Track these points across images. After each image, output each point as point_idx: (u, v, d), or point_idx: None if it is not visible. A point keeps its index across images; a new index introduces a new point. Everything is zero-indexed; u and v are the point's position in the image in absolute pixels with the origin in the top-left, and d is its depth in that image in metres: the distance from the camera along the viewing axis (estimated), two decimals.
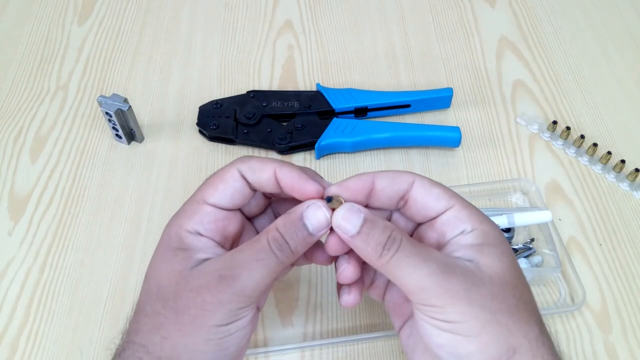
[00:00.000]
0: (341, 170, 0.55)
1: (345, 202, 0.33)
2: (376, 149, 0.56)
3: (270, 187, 0.34)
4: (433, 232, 0.34)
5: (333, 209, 0.33)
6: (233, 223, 0.35)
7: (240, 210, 0.36)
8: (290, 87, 0.61)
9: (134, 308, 0.34)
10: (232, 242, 0.35)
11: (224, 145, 0.56)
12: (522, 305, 0.31)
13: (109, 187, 0.53)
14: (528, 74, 0.62)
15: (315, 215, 0.33)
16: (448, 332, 0.30)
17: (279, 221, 0.33)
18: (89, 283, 0.47)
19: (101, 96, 0.53)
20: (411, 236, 0.35)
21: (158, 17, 0.69)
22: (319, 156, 0.55)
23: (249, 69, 0.63)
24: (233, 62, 0.64)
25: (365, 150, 0.56)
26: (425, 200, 0.34)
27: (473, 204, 0.34)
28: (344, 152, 0.55)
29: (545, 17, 0.67)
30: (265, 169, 0.34)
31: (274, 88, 0.61)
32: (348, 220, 0.32)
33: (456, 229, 0.33)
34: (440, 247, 0.34)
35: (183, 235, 0.33)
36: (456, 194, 0.34)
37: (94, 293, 0.47)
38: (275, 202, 0.39)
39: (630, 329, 0.44)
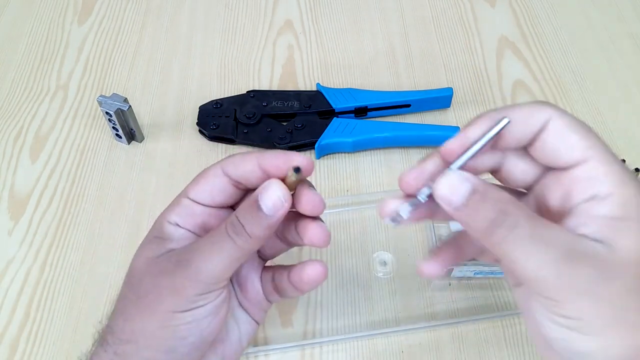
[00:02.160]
0: (341, 170, 0.55)
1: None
2: (376, 148, 0.56)
3: (255, 179, 0.33)
4: (559, 188, 0.29)
5: (291, 187, 0.32)
6: (216, 220, 0.34)
7: (233, 208, 0.35)
8: (290, 87, 0.61)
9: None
10: None
11: (224, 145, 0.56)
12: None
13: (109, 187, 0.53)
14: (528, 74, 0.62)
15: (269, 195, 0.31)
16: (565, 327, 0.26)
17: (239, 206, 0.32)
18: (89, 283, 0.47)
19: (101, 96, 0.53)
20: (534, 185, 0.31)
21: (158, 17, 0.69)
22: (319, 156, 0.55)
23: (249, 69, 0.63)
24: (233, 62, 0.64)
25: (365, 150, 0.56)
26: (555, 147, 0.28)
27: None
28: (344, 152, 0.55)
29: (545, 17, 0.67)
30: (247, 160, 0.33)
31: (274, 88, 0.61)
32: (454, 189, 0.27)
33: (587, 191, 0.27)
34: (564, 212, 0.28)
35: (164, 225, 0.34)
36: (600, 141, 0.28)
37: (94, 293, 0.47)
38: None
39: None
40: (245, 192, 0.35)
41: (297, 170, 0.31)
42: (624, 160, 0.52)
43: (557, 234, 0.26)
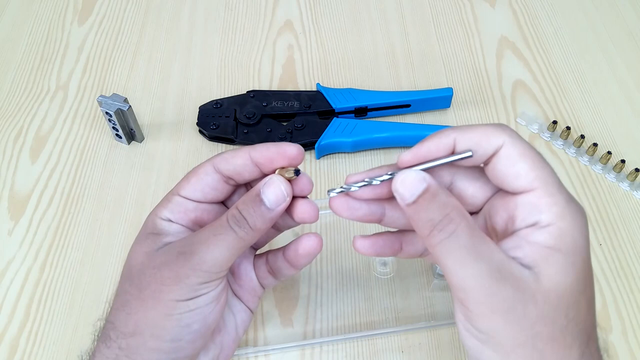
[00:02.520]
0: (341, 170, 0.55)
1: None
2: (376, 148, 0.56)
3: (247, 173, 0.34)
4: (505, 210, 0.30)
5: (290, 178, 0.33)
6: (208, 214, 0.35)
7: (224, 204, 0.37)
8: (290, 87, 0.61)
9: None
10: None
11: (224, 145, 0.56)
12: (572, 326, 0.28)
13: (109, 187, 0.53)
14: (528, 74, 0.62)
15: (272, 190, 0.33)
16: (476, 339, 0.28)
17: (240, 199, 0.33)
18: (89, 283, 0.47)
19: (101, 96, 0.53)
20: (484, 203, 0.32)
21: (158, 17, 0.69)
22: (319, 156, 0.55)
23: (249, 69, 0.63)
24: (233, 62, 0.64)
25: (365, 150, 0.56)
26: (505, 173, 0.29)
27: None
28: (344, 152, 0.55)
29: (545, 17, 0.67)
30: (238, 154, 0.34)
31: (274, 88, 0.61)
32: (407, 186, 0.29)
33: (529, 218, 0.28)
34: (507, 232, 0.30)
35: (157, 221, 0.34)
36: (548, 172, 0.29)
37: (94, 293, 0.47)
38: None
39: (630, 329, 0.44)
40: (236, 187, 0.36)
41: (297, 172, 0.33)
42: (623, 161, 0.52)
43: (491, 251, 0.28)
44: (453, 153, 0.30)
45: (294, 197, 0.34)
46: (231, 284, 0.38)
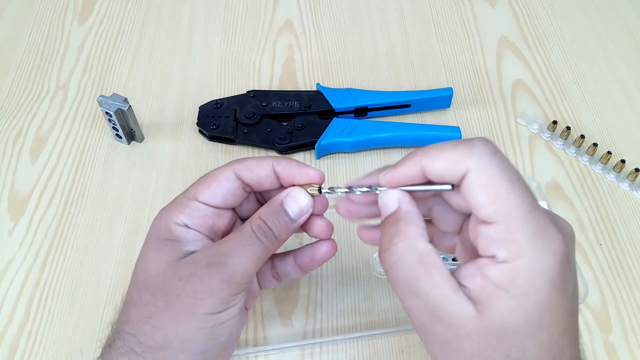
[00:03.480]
0: (341, 170, 0.55)
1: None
2: (376, 149, 0.56)
3: (269, 183, 0.35)
4: (473, 233, 0.29)
5: (313, 194, 0.35)
6: (223, 219, 0.35)
7: (233, 208, 0.36)
8: (290, 87, 0.61)
9: (123, 299, 0.34)
10: (221, 237, 0.36)
11: (224, 145, 0.56)
12: None
13: (109, 187, 0.53)
14: (528, 74, 0.62)
15: (295, 202, 0.34)
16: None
17: (262, 210, 0.34)
18: (89, 283, 0.47)
19: (101, 96, 0.53)
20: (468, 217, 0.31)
21: (158, 17, 0.69)
22: (319, 156, 0.55)
23: (249, 69, 0.63)
24: (233, 62, 0.64)
25: (365, 150, 0.56)
26: (468, 202, 0.28)
27: None
28: (344, 152, 0.55)
29: (545, 17, 0.67)
30: (263, 165, 0.35)
31: (274, 88, 0.61)
32: (383, 204, 0.32)
33: (488, 250, 0.28)
34: (473, 256, 0.29)
35: (172, 227, 0.34)
36: (514, 201, 0.27)
37: (94, 293, 0.47)
38: None
39: (630, 329, 0.44)
40: (249, 194, 0.36)
41: (319, 190, 0.35)
42: (623, 161, 0.52)
43: (431, 287, 0.28)
44: (429, 182, 0.30)
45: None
46: None
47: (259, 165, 0.35)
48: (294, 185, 0.35)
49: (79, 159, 0.55)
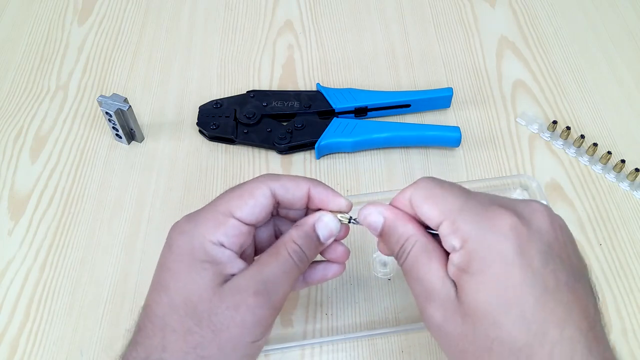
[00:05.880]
0: (341, 170, 0.55)
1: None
2: (376, 148, 0.56)
3: (300, 204, 0.36)
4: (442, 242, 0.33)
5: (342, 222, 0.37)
6: (251, 236, 0.35)
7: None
8: (290, 87, 0.61)
9: (141, 312, 0.33)
10: (243, 252, 0.35)
11: (224, 145, 0.56)
12: (496, 346, 0.28)
13: (109, 187, 0.53)
14: (528, 74, 0.62)
15: (327, 227, 0.35)
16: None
17: (295, 233, 0.35)
18: (89, 283, 0.47)
19: (101, 96, 0.53)
20: None
21: (158, 17, 0.69)
22: (319, 156, 0.55)
23: (249, 69, 0.63)
24: (233, 62, 0.64)
25: (365, 150, 0.56)
26: (422, 218, 0.33)
27: None
28: (344, 152, 0.55)
29: (545, 17, 0.67)
30: (300, 186, 0.35)
31: (274, 88, 0.61)
32: (370, 221, 0.35)
33: (448, 245, 0.31)
34: None
35: (208, 247, 0.32)
36: (452, 200, 0.31)
37: (94, 293, 0.47)
38: (277, 217, 0.39)
39: (630, 329, 0.44)
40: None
41: (349, 221, 0.36)
42: (623, 161, 0.52)
43: (426, 272, 0.32)
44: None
45: None
46: None
47: (296, 186, 0.35)
48: (320, 210, 0.36)
49: (79, 159, 0.55)
